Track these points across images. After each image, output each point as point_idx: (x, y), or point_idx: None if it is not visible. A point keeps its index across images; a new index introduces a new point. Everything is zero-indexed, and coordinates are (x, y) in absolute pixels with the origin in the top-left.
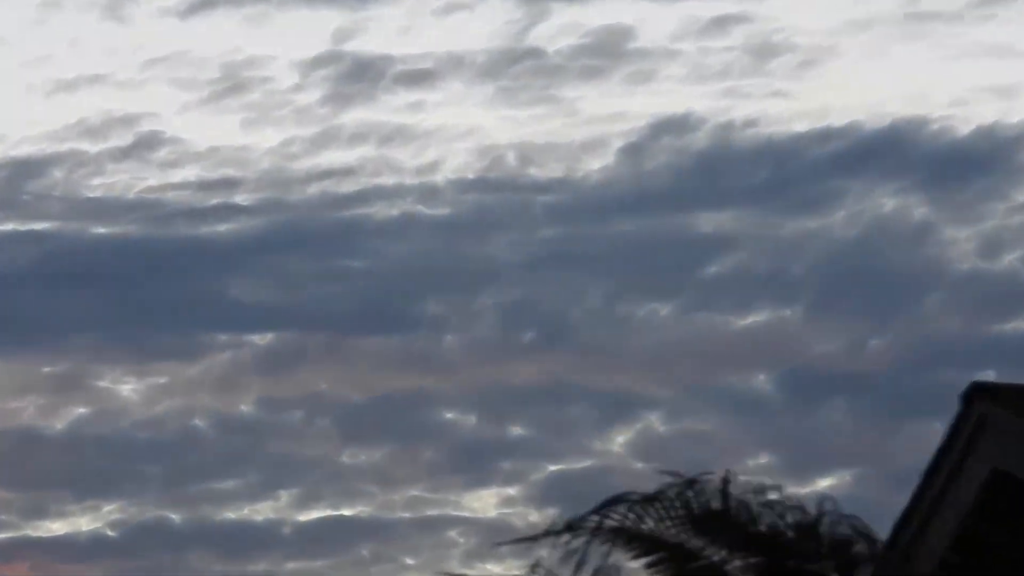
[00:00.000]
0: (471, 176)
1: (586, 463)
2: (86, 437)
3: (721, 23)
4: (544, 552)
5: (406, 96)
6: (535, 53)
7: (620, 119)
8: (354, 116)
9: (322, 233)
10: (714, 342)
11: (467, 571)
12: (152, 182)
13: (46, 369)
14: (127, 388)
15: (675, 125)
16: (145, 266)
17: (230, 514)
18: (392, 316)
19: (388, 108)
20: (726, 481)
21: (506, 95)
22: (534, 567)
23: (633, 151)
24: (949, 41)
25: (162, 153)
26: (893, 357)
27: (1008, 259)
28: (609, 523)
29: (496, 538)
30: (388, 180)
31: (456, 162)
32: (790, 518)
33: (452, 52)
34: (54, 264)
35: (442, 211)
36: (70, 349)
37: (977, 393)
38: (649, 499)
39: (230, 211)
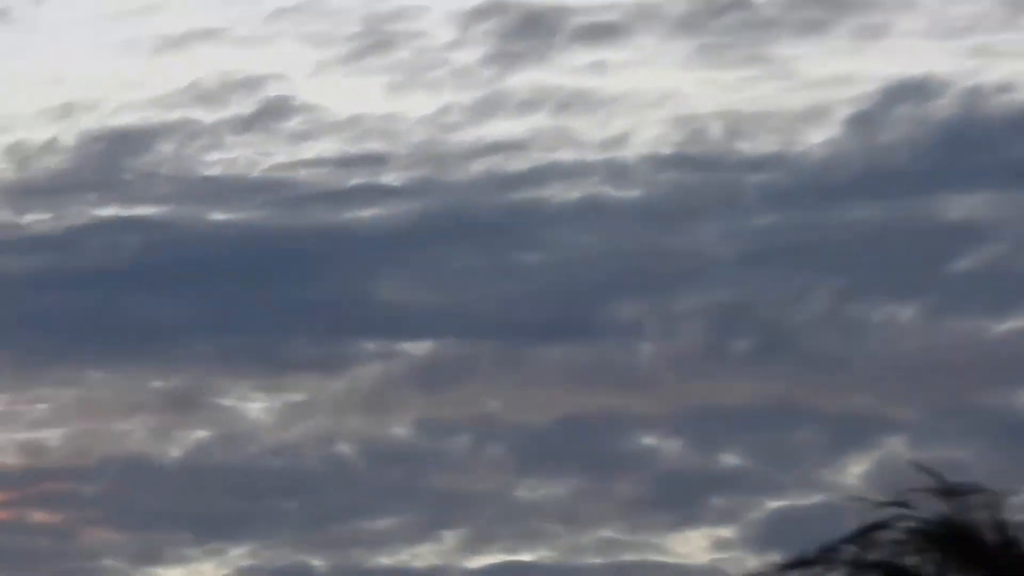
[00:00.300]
0: (667, 151)
1: (814, 499)
2: (207, 466)
3: None
4: None
5: (587, 55)
6: (742, 3)
7: (846, 83)
8: (524, 79)
9: (488, 220)
10: (968, 352)
11: None
12: (281, 158)
13: (157, 384)
14: (256, 407)
15: (913, 90)
16: (275, 260)
17: (384, 559)
18: (576, 321)
19: (565, 69)
20: (994, 503)
21: (708, 54)
22: None
23: (863, 121)
24: None
25: (292, 123)
26: None
27: None
28: (870, 556)
29: None
30: (567, 156)
31: (649, 134)
32: None
33: (642, 2)
34: (164, 257)
35: (633, 193)
36: (186, 360)
37: None
38: (916, 530)
39: (376, 193)
